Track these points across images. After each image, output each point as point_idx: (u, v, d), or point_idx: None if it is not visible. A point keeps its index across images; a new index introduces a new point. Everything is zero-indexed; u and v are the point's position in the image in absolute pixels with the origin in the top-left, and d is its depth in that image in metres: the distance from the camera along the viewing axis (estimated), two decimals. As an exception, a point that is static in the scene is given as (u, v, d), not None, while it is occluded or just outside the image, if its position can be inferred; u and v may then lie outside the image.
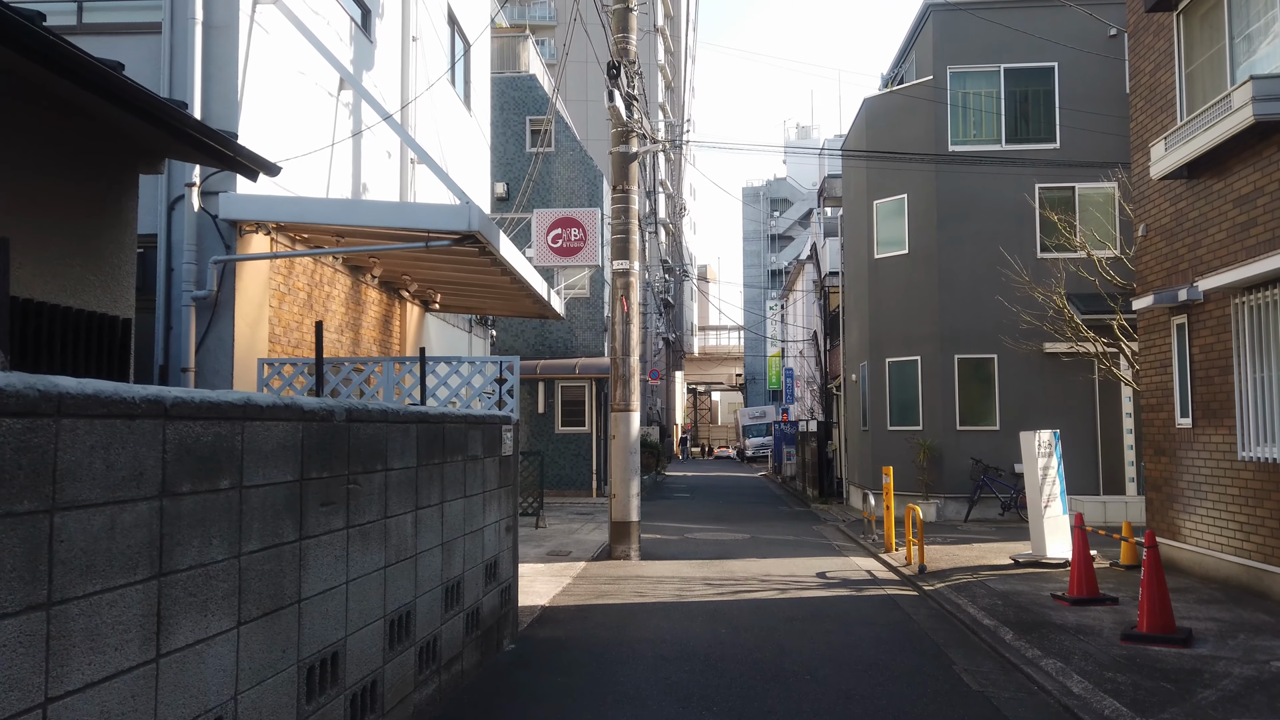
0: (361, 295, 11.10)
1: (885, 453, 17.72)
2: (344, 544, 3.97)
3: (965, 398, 16.89)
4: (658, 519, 17.73)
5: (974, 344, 16.89)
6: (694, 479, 33.24)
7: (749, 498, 24.30)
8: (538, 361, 21.54)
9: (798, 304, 51.39)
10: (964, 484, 16.68)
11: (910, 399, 17.41)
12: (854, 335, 20.08)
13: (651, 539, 14.33)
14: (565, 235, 12.89)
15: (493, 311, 13.99)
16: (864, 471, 18.78)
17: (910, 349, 17.42)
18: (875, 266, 18.21)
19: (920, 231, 17.39)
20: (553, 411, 21.86)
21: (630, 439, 11.91)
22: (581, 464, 21.73)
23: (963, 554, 12.27)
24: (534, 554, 12.18)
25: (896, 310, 17.74)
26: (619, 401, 11.97)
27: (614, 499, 11.88)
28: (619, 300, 12.01)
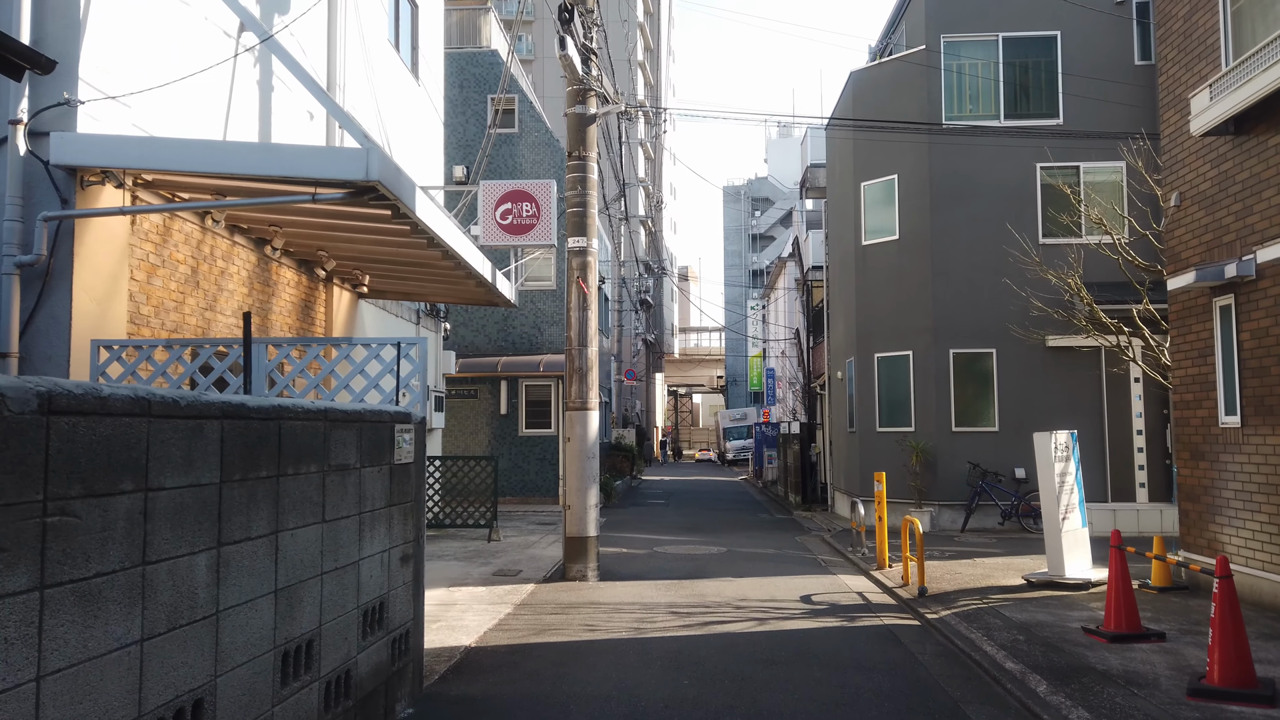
0: (271, 275, 9.50)
1: (874, 456, 16.27)
2: (34, 615, 2.41)
3: (961, 396, 15.47)
4: (626, 529, 16.20)
5: (971, 337, 15.48)
6: (671, 483, 31.75)
7: (728, 504, 22.81)
8: (499, 359, 19.96)
9: (779, 302, 50.06)
10: (960, 490, 15.25)
11: (901, 398, 15.97)
12: (840, 330, 18.66)
13: (615, 554, 12.80)
14: (516, 211, 11.34)
15: (435, 297, 12.43)
16: (851, 476, 17.34)
17: (901, 343, 15.98)
18: (863, 255, 16.77)
19: (912, 215, 15.96)
20: (516, 412, 20.29)
21: (587, 441, 10.38)
22: (547, 469, 20.17)
23: (965, 571, 10.80)
24: (477, 574, 10.61)
25: (886, 302, 16.30)
26: (574, 398, 10.44)
27: (569, 511, 10.35)
28: (575, 282, 10.48)
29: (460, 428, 20.31)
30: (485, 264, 10.10)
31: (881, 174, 16.49)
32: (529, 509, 19.11)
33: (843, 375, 18.18)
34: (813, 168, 28.55)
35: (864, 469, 16.45)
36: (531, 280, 20.65)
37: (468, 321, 20.56)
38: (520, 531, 15.42)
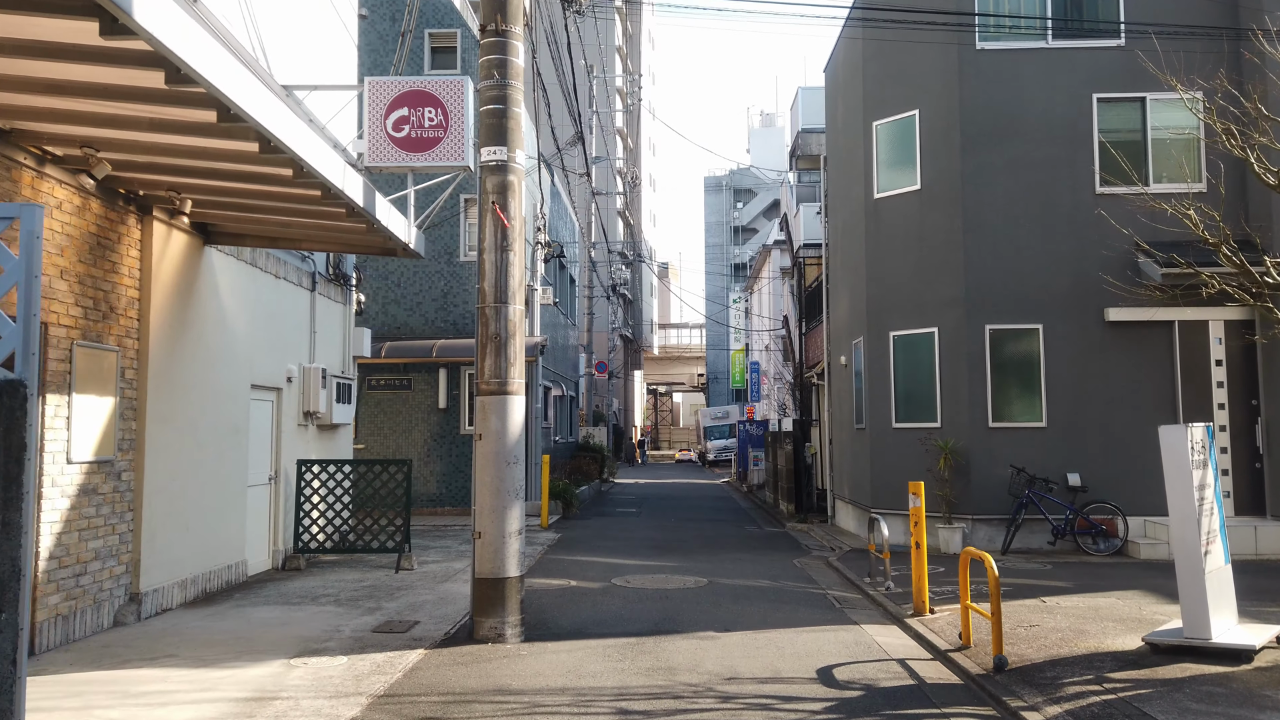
0: (20, 185, 6.25)
1: (889, 458, 13.16)
2: None
3: (1000, 384, 12.39)
4: (583, 549, 13.01)
5: (1011, 310, 12.41)
6: (646, 487, 28.58)
7: (709, 513, 19.66)
8: (434, 342, 16.71)
9: (763, 293, 47.06)
10: (999, 501, 12.18)
11: (924, 386, 12.87)
12: (843, 306, 15.55)
13: (559, 590, 9.62)
14: (416, 119, 8.16)
15: (312, 243, 9.20)
16: (859, 483, 14.22)
17: (923, 318, 12.89)
18: (875, 211, 13.66)
19: (937, 161, 12.87)
20: (457, 406, 17.06)
21: (507, 440, 7.19)
22: (494, 473, 16.92)
23: (1041, 621, 7.70)
24: (349, 632, 7.40)
25: (904, 268, 13.20)
26: (488, 378, 7.24)
27: (479, 541, 7.15)
28: (489, 212, 7.28)
29: (390, 425, 17.06)
30: (351, 180, 6.89)
31: (899, 110, 13.38)
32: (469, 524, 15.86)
33: (847, 361, 15.07)
34: (804, 134, 25.51)
35: (878, 474, 13.34)
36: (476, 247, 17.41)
37: (401, 298, 17.31)
38: (448, 554, 12.20)
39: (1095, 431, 12.22)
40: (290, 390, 10.98)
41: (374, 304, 17.25)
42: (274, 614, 8.03)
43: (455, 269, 17.28)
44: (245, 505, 9.78)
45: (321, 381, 11.43)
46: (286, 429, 10.91)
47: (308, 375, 11.27)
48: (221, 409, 9.17)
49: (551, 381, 20.60)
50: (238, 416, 9.54)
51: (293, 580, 9.90)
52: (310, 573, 10.42)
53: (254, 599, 8.72)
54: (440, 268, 17.30)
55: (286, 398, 10.90)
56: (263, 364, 10.20)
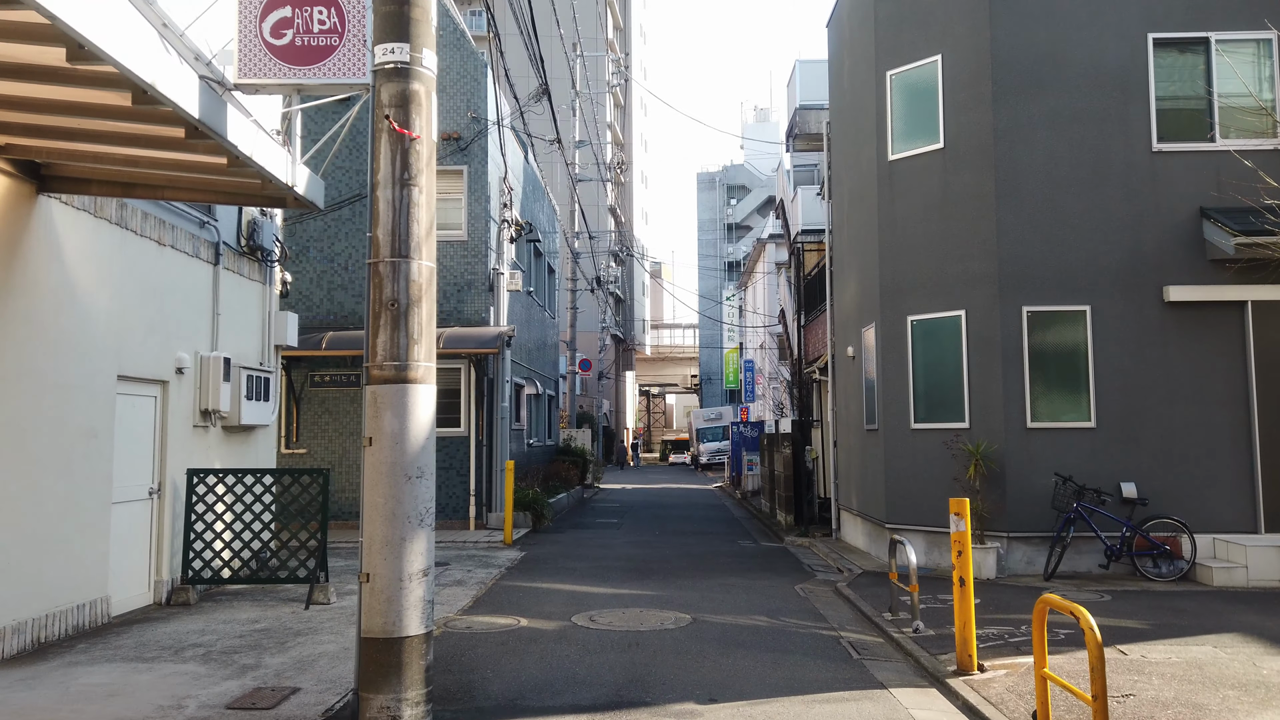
0: None
1: (907, 465, 11.21)
2: None
3: (1040, 376, 10.44)
4: (546, 573, 11.02)
5: (1053, 288, 10.47)
6: (633, 493, 26.60)
7: (698, 524, 17.68)
8: (383, 330, 14.70)
9: (758, 289, 45.14)
10: (1040, 515, 10.23)
11: (948, 379, 10.92)
12: (850, 291, 13.58)
13: (501, 632, 7.63)
14: (302, 21, 6.18)
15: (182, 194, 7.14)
16: (871, 492, 12.26)
17: (947, 299, 10.94)
18: (889, 175, 11.70)
19: (964, 114, 10.92)
20: (413, 405, 15.04)
21: (408, 447, 5.19)
22: (454, 481, 14.95)
23: (1136, 687, 5.72)
24: (192, 708, 5.39)
25: (925, 239, 11.24)
26: (382, 359, 5.24)
27: (367, 587, 5.14)
28: (384, 131, 5.28)
29: (336, 428, 15.05)
30: (184, 84, 4.89)
31: (917, 56, 11.43)
32: (423, 538, 13.83)
33: (855, 353, 13.11)
34: (802, 110, 23.54)
35: (894, 483, 11.37)
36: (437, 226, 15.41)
37: (348, 282, 15.30)
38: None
39: (1153, 432, 10.28)
40: (181, 384, 8.97)
41: (317, 289, 15.25)
42: (109, 677, 6.03)
43: (410, 250, 15.26)
44: (109, 527, 7.77)
45: (224, 373, 9.41)
46: (176, 432, 8.90)
47: (206, 366, 9.26)
48: (66, 407, 7.16)
49: (524, 378, 18.61)
50: (95, 417, 7.53)
51: (170, 621, 7.89)
52: (200, 609, 8.41)
53: (99, 652, 6.71)
54: (393, 249, 15.29)
55: (176, 393, 8.88)
56: (138, 351, 8.19)
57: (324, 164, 13.08)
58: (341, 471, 15.00)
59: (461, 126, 15.15)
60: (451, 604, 8.98)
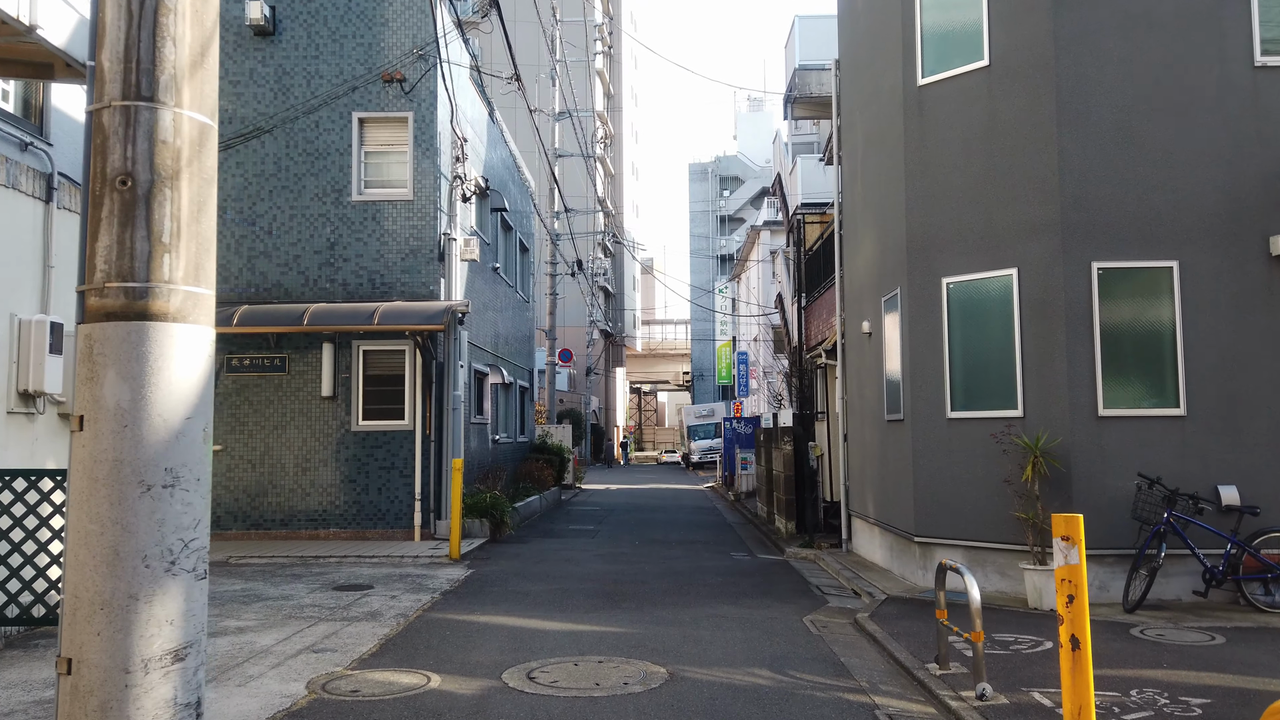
0: None
1: (943, 463, 8.97)
2: None
3: (1115, 350, 8.23)
4: (492, 600, 8.75)
5: (1129, 239, 8.26)
6: (617, 494, 24.35)
7: (685, 531, 15.44)
8: (306, 306, 12.38)
9: (751, 280, 42.95)
10: (1117, 528, 8.02)
11: (995, 356, 8.70)
12: (865, 254, 11.33)
13: (393, 700, 5.35)
14: None
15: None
16: (892, 496, 10.02)
17: (994, 255, 8.71)
18: (919, 105, 9.46)
19: (1015, 22, 8.69)
20: (349, 394, 12.78)
21: (151, 431, 2.96)
22: (396, 483, 12.68)
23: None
24: None
25: (964, 183, 9.01)
26: (103, 278, 3.02)
27: (69, 681, 2.89)
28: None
29: (258, 419, 12.76)
30: None
31: (954, -47, 9.20)
32: (359, 553, 11.61)
33: (871, 328, 10.88)
34: (802, 71, 21.31)
35: (925, 486, 9.13)
36: (377, 183, 13.15)
37: (272, 249, 12.99)
38: (279, 612, 7.96)
39: (1261, 422, 8.08)
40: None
41: (235, 257, 12.95)
42: None
43: (346, 212, 12.99)
44: None
45: (54, 343, 7.13)
46: (-23, 419, 6.62)
47: (24, 333, 6.98)
48: None
49: (488, 365, 16.34)
50: None
51: (-66, 684, 5.62)
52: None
53: None
54: (325, 210, 13.02)
55: (-23, 368, 6.61)
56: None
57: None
58: (264, 471, 12.71)
59: (406, 66, 12.87)
60: (349, 649, 6.72)
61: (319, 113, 13.01)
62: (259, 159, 13.00)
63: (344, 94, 12.97)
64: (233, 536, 12.59)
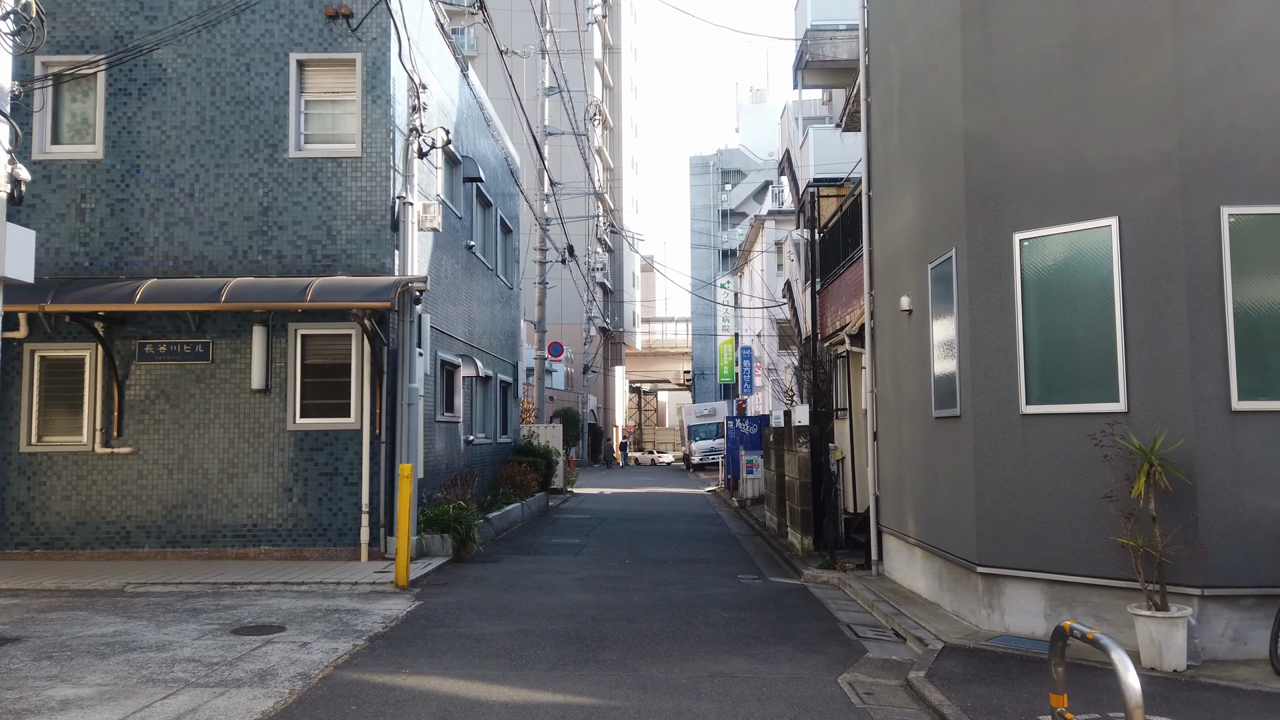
0: None
1: (1016, 470, 6.94)
2: None
3: (1252, 324, 6.19)
4: (433, 648, 6.72)
5: (1276, 179, 6.22)
6: (611, 500, 22.33)
7: (684, 546, 13.42)
8: (226, 281, 10.35)
9: (754, 273, 40.90)
10: (1262, 558, 5.99)
11: (1086, 334, 6.66)
12: (905, 214, 9.27)
13: None
14: None
15: None
16: (942, 511, 7.97)
17: (1086, 201, 6.68)
18: (981, 10, 7.40)
19: (1109, -101, 6.65)
20: (283, 386, 10.76)
21: None
22: (340, 493, 10.66)
23: None
24: None
25: (1042, 107, 6.97)
26: None
27: None
28: None
29: (175, 417, 10.74)
30: None
31: None
32: (288, 578, 9.58)
33: (912, 304, 8.83)
34: (814, 35, 19.29)
35: (991, 501, 7.09)
36: (320, 137, 11.13)
37: (193, 215, 10.95)
38: (140, 671, 5.95)
39: None
40: None
41: (151, 224, 10.94)
42: None
43: (282, 171, 10.97)
44: None
45: None
46: None
47: None
48: None
49: (459, 356, 14.31)
50: None
51: None
52: None
53: None
54: (258, 168, 10.99)
55: None
56: None
57: None
58: (183, 478, 10.70)
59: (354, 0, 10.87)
60: (200, 742, 4.71)
61: (250, 54, 10.99)
62: (179, 108, 10.98)
63: (280, 31, 10.95)
64: (144, 556, 10.58)
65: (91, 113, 11.04)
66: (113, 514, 10.63)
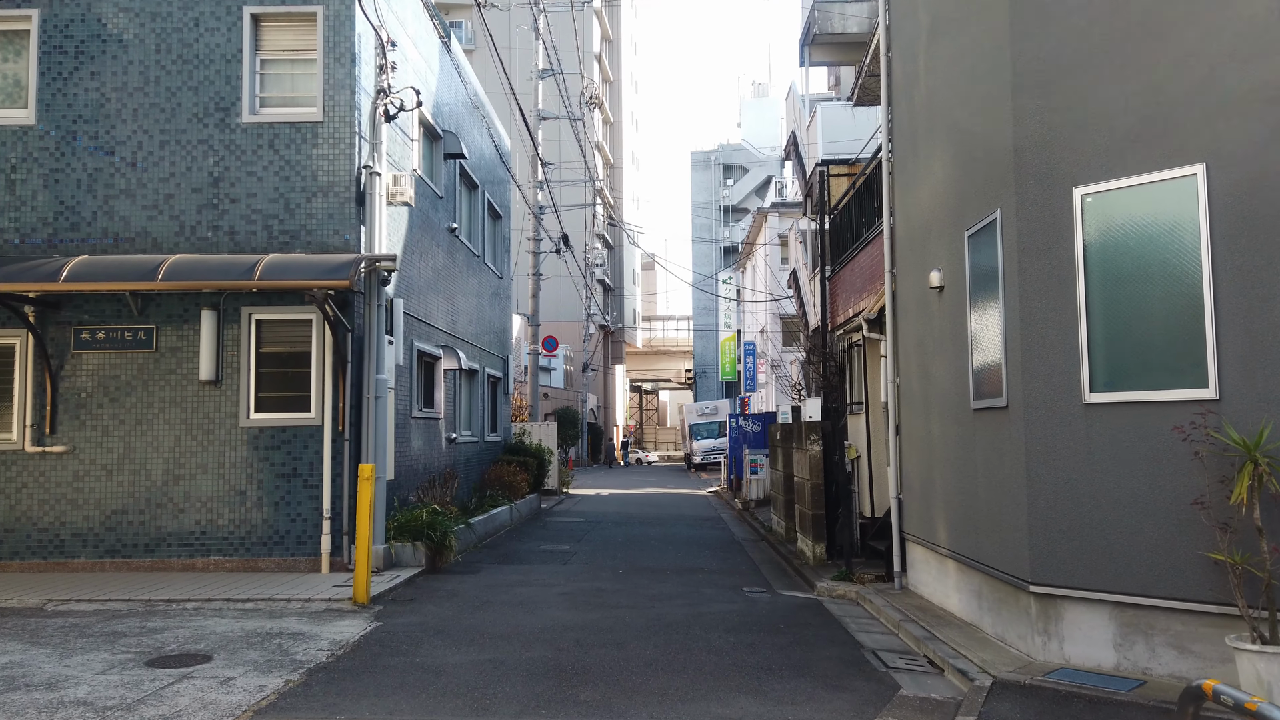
0: None
1: (1079, 470, 5.80)
2: None
3: (1376, 290, 5.06)
4: (380, 686, 5.59)
5: (1401, 112, 5.08)
6: (607, 502, 21.19)
7: (684, 553, 12.30)
8: (164, 258, 9.22)
9: (757, 268, 39.77)
10: (1386, 581, 4.84)
11: (1165, 305, 5.52)
12: (936, 175, 8.12)
13: None
14: None
15: None
16: (984, 518, 6.83)
17: (1165, 145, 5.54)
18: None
19: None
20: (236, 377, 9.64)
21: None
22: (298, 496, 9.54)
23: None
24: None
25: (1107, 35, 5.83)
26: None
27: None
28: None
29: (113, 413, 9.62)
30: None
31: None
32: (233, 593, 8.47)
33: (944, 280, 7.69)
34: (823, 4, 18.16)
35: (1050, 504, 5.94)
36: (277, 100, 10.00)
37: (135, 187, 9.81)
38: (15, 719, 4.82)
39: None
40: None
41: (88, 197, 9.81)
42: None
43: (234, 138, 9.85)
44: None
45: None
46: None
47: None
48: None
49: (439, 347, 13.19)
50: None
51: None
52: None
53: None
54: (207, 135, 9.87)
55: None
56: None
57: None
58: (124, 480, 9.58)
59: (313, -55, 9.73)
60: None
61: (199, 7, 9.86)
62: (120, 67, 9.85)
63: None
64: (79, 567, 9.46)
65: (23, 73, 9.92)
66: (45, 520, 9.51)
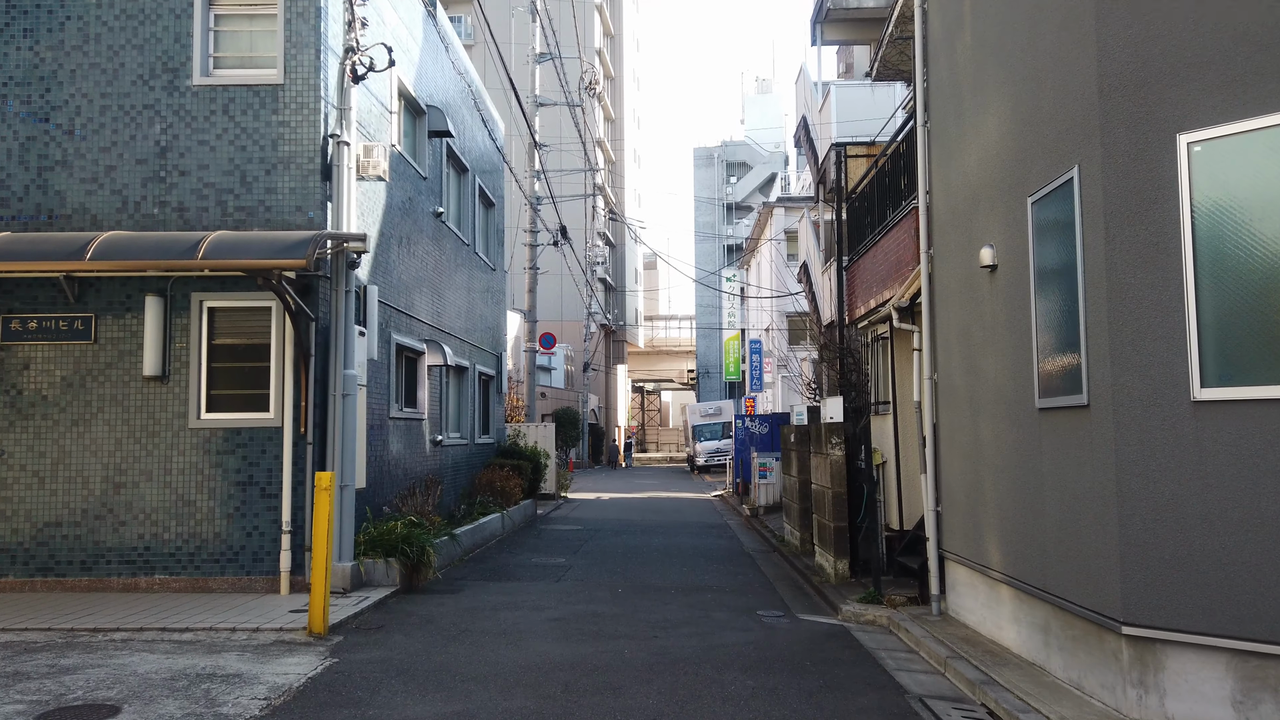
0: None
1: (1188, 484, 4.66)
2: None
3: None
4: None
5: None
6: (607, 507, 20.07)
7: (688, 568, 11.17)
8: (96, 234, 8.11)
9: (762, 266, 38.62)
10: None
11: (1300, 278, 4.39)
12: (986, 136, 6.97)
13: None
14: None
15: None
16: (1041, 538, 5.70)
17: (1296, 83, 4.41)
18: None
19: None
20: (186, 373, 8.53)
21: None
22: (255, 506, 8.43)
23: None
24: None
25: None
26: None
27: None
28: None
29: (45, 413, 8.51)
30: None
31: None
32: (172, 621, 7.36)
33: (997, 258, 6.56)
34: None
35: (1150, 526, 4.79)
36: (232, 61, 8.88)
37: (72, 157, 8.69)
38: None
39: None
40: None
41: (21, 170, 8.71)
42: None
43: (184, 103, 8.74)
44: None
45: None
46: None
47: None
48: None
49: (422, 341, 12.07)
50: None
51: None
52: None
53: None
54: (154, 99, 8.76)
55: None
56: None
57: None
58: (58, 489, 8.47)
59: (274, -116, 8.61)
60: None
61: None
62: (56, 23, 8.74)
63: (182, -73, 8.71)
64: (6, 587, 8.35)
65: (-52, 30, 8.80)
66: (-32, 534, 8.40)
